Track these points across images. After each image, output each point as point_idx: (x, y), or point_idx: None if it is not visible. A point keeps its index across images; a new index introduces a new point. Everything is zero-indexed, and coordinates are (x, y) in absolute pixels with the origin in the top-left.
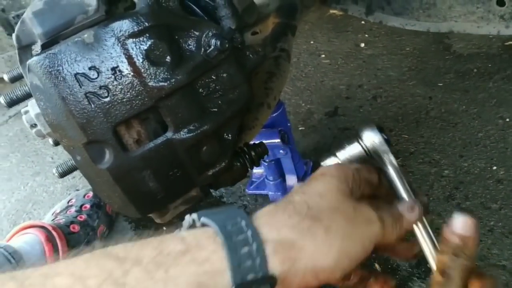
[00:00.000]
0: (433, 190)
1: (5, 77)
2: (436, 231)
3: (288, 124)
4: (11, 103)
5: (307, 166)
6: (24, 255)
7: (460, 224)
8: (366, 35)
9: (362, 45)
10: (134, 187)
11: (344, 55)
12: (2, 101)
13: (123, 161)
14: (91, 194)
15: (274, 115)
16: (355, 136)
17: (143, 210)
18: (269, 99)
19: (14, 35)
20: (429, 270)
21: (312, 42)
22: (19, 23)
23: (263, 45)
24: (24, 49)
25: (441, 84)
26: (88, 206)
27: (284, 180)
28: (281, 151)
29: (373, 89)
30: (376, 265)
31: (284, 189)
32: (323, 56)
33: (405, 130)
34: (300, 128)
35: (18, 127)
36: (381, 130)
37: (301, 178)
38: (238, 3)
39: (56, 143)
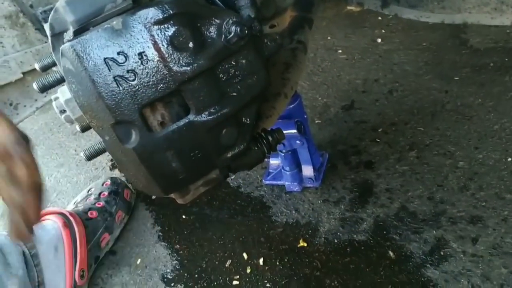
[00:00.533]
0: (448, 181)
1: (36, 66)
2: (450, 220)
3: (305, 116)
4: (43, 89)
5: (323, 157)
6: (36, 241)
7: None
8: (383, 31)
9: (379, 40)
10: (158, 167)
11: (361, 50)
12: (35, 87)
13: (148, 141)
14: (109, 182)
15: (291, 106)
16: None
17: (166, 189)
18: (286, 89)
19: (47, 24)
20: (443, 257)
21: (329, 37)
22: (52, 11)
23: (281, 35)
24: (57, 36)
25: (457, 78)
26: (106, 193)
27: (300, 170)
28: (297, 141)
29: (389, 83)
30: (390, 253)
31: (301, 179)
32: (340, 51)
33: (421, 123)
34: (316, 121)
35: (43, 121)
36: None
37: (317, 168)
38: None
39: (83, 130)
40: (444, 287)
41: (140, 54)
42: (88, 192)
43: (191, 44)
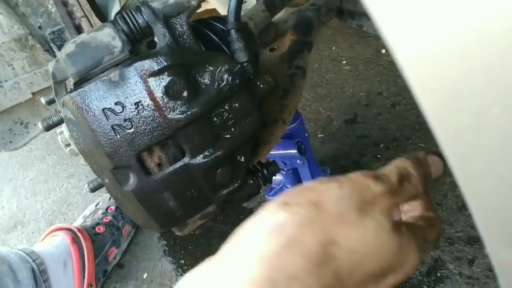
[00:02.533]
0: (447, 200)
1: (42, 100)
2: (448, 241)
3: (306, 135)
4: (48, 128)
5: (325, 173)
6: (46, 258)
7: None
8: None
9: (383, 51)
10: (156, 206)
11: (365, 61)
12: (40, 127)
13: (146, 184)
14: None
15: (291, 126)
16: None
17: (165, 225)
18: (285, 115)
19: (50, 72)
20: (439, 278)
21: (333, 48)
22: (54, 61)
23: (276, 65)
24: (59, 84)
25: None
26: (113, 207)
27: None
28: (298, 161)
29: (392, 96)
30: None
31: None
32: (344, 62)
33: (422, 139)
34: (319, 135)
35: (54, 130)
36: None
37: None
38: (255, 26)
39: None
40: None
41: (136, 103)
42: (96, 206)
43: (185, 93)
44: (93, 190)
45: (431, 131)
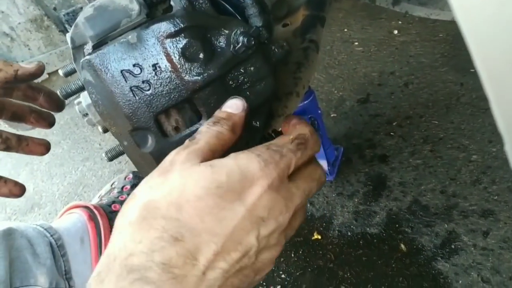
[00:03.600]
0: (461, 175)
1: (60, 72)
2: (462, 214)
3: (319, 112)
4: (66, 96)
5: (338, 151)
6: (63, 233)
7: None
8: (400, 22)
9: (395, 32)
10: None
11: (377, 43)
12: (59, 94)
13: (163, 146)
14: (131, 176)
15: (304, 102)
16: None
17: None
18: (298, 88)
19: (68, 37)
20: (454, 250)
21: (345, 30)
22: (73, 26)
23: (289, 40)
24: (78, 49)
25: (473, 70)
26: (128, 187)
27: None
28: None
29: (405, 76)
30: (402, 245)
31: None
32: (356, 43)
33: (435, 116)
34: (332, 115)
35: (69, 115)
36: None
37: (332, 162)
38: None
39: (105, 130)
40: (454, 279)
41: (154, 65)
42: (111, 186)
43: (201, 55)
44: (111, 159)
45: (444, 109)
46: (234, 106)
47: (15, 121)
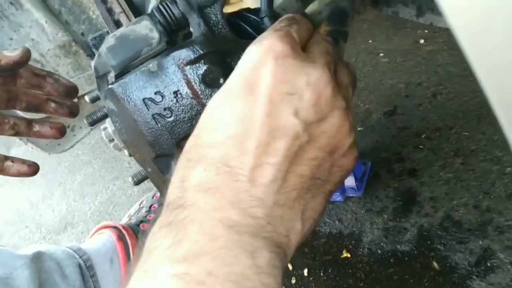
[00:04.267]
0: (495, 188)
1: (86, 99)
2: (497, 230)
3: None
4: (93, 123)
5: (366, 166)
6: (92, 254)
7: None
8: (426, 31)
9: (422, 41)
10: None
11: (403, 53)
12: (86, 122)
13: None
14: (158, 194)
15: None
16: None
17: None
18: None
19: (92, 66)
20: (489, 268)
21: (370, 41)
22: (96, 56)
23: None
24: (101, 78)
25: None
26: (156, 205)
27: None
28: None
29: (433, 86)
30: (435, 263)
31: (343, 189)
32: (381, 54)
33: (466, 127)
34: (359, 129)
35: (98, 135)
36: None
37: (359, 178)
38: None
39: (131, 154)
40: None
41: (175, 92)
42: (140, 205)
43: (221, 80)
44: (137, 183)
45: (475, 119)
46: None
47: (31, 111)
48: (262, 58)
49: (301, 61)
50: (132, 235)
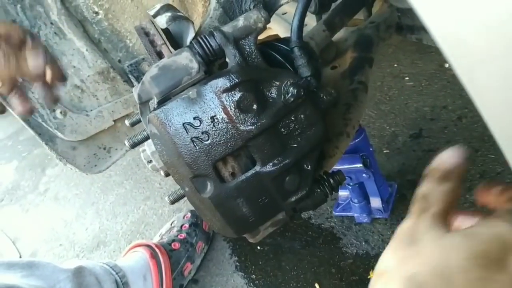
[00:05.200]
0: None
1: (127, 123)
2: None
3: (371, 149)
4: (133, 145)
5: (392, 188)
6: (127, 271)
7: (447, 154)
8: None
9: (447, 65)
10: (230, 212)
11: (428, 77)
12: (127, 144)
13: (221, 191)
14: (189, 215)
15: (356, 141)
16: None
17: (238, 231)
18: (348, 128)
19: (136, 94)
20: None
21: (395, 65)
22: (140, 84)
23: (337, 82)
24: (144, 104)
25: None
26: (187, 225)
27: (368, 202)
28: (364, 175)
29: (458, 109)
30: None
31: (370, 211)
32: (407, 78)
33: (492, 149)
34: (385, 151)
35: (130, 157)
36: None
37: (386, 199)
38: (316, 45)
39: (167, 175)
40: None
41: (212, 117)
42: (171, 224)
43: (255, 106)
44: (173, 202)
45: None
46: (450, 157)
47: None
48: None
49: None
50: (165, 253)
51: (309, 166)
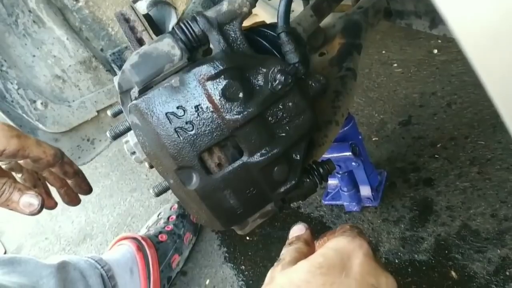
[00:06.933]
0: (511, 197)
1: (108, 113)
2: None
3: (360, 137)
4: (115, 137)
5: (381, 176)
6: (113, 265)
7: (295, 228)
8: (439, 41)
9: (435, 51)
10: (217, 205)
11: (417, 63)
12: (108, 135)
13: (207, 183)
14: (176, 206)
15: (344, 129)
16: None
17: (226, 223)
18: (337, 116)
19: (116, 83)
20: (509, 277)
21: (384, 51)
22: (120, 73)
23: (326, 69)
24: (125, 94)
25: None
26: (174, 217)
27: (358, 190)
28: (353, 163)
29: (448, 95)
30: (453, 273)
31: (359, 199)
32: (395, 65)
33: (482, 136)
34: (373, 139)
35: (116, 147)
36: None
37: (375, 188)
38: (304, 31)
39: (151, 166)
40: None
41: (196, 106)
42: (158, 216)
43: (241, 94)
44: (158, 194)
45: (490, 128)
46: (297, 230)
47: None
48: (352, 250)
49: (379, 263)
50: (151, 246)
51: (298, 156)
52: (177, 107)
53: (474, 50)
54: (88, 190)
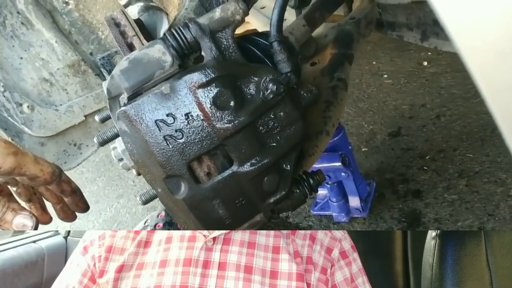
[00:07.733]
0: (499, 210)
1: (96, 118)
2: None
3: (349, 147)
4: (103, 143)
5: (371, 187)
6: None
7: None
8: (429, 53)
9: (425, 63)
10: (206, 214)
11: (407, 74)
12: (96, 141)
13: (196, 192)
14: (163, 213)
15: (335, 139)
16: None
17: None
18: (328, 126)
19: (105, 88)
20: None
21: (374, 62)
22: (109, 78)
23: (317, 79)
24: (114, 99)
25: None
26: (161, 224)
27: (347, 201)
28: (342, 173)
29: (437, 108)
30: None
31: (348, 210)
32: (385, 76)
33: (470, 149)
34: (363, 149)
35: (103, 153)
36: None
37: (364, 198)
38: (296, 40)
39: (139, 174)
40: None
41: (186, 114)
42: (144, 223)
43: (232, 103)
44: (145, 202)
45: (478, 141)
46: None
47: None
48: None
49: None
50: None
51: (289, 166)
52: (167, 115)
53: (477, 66)
54: (85, 208)
